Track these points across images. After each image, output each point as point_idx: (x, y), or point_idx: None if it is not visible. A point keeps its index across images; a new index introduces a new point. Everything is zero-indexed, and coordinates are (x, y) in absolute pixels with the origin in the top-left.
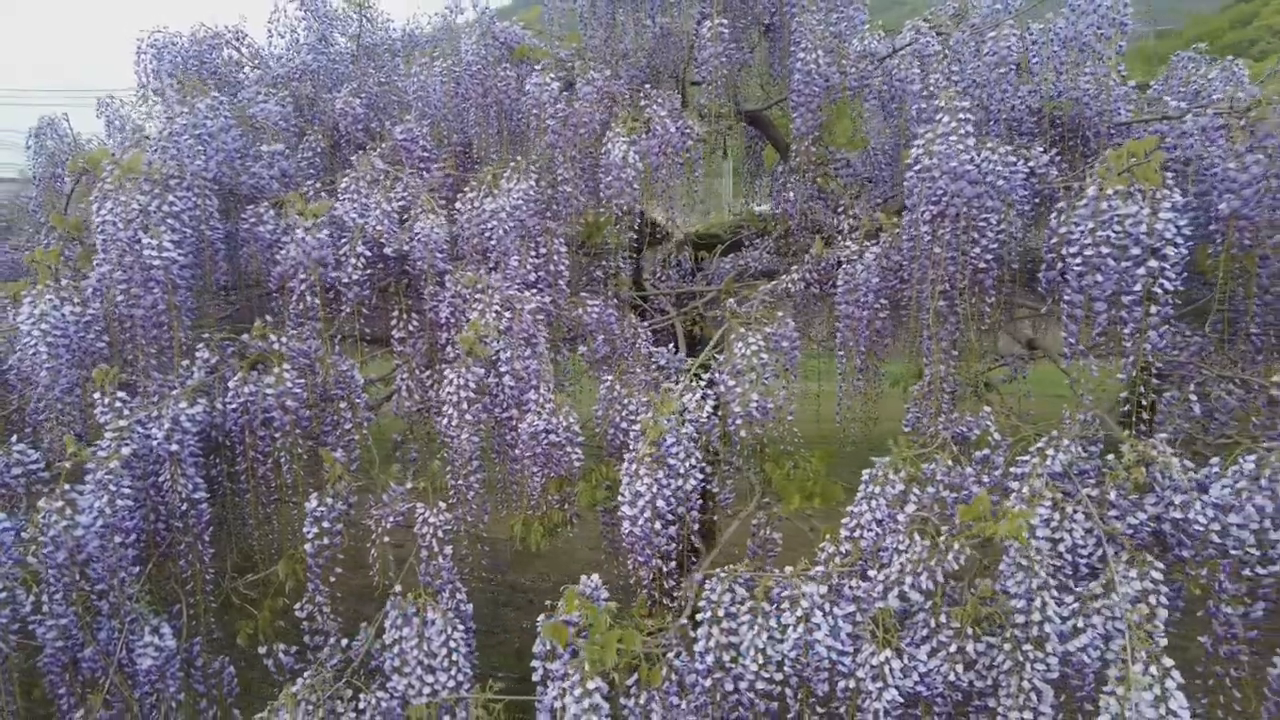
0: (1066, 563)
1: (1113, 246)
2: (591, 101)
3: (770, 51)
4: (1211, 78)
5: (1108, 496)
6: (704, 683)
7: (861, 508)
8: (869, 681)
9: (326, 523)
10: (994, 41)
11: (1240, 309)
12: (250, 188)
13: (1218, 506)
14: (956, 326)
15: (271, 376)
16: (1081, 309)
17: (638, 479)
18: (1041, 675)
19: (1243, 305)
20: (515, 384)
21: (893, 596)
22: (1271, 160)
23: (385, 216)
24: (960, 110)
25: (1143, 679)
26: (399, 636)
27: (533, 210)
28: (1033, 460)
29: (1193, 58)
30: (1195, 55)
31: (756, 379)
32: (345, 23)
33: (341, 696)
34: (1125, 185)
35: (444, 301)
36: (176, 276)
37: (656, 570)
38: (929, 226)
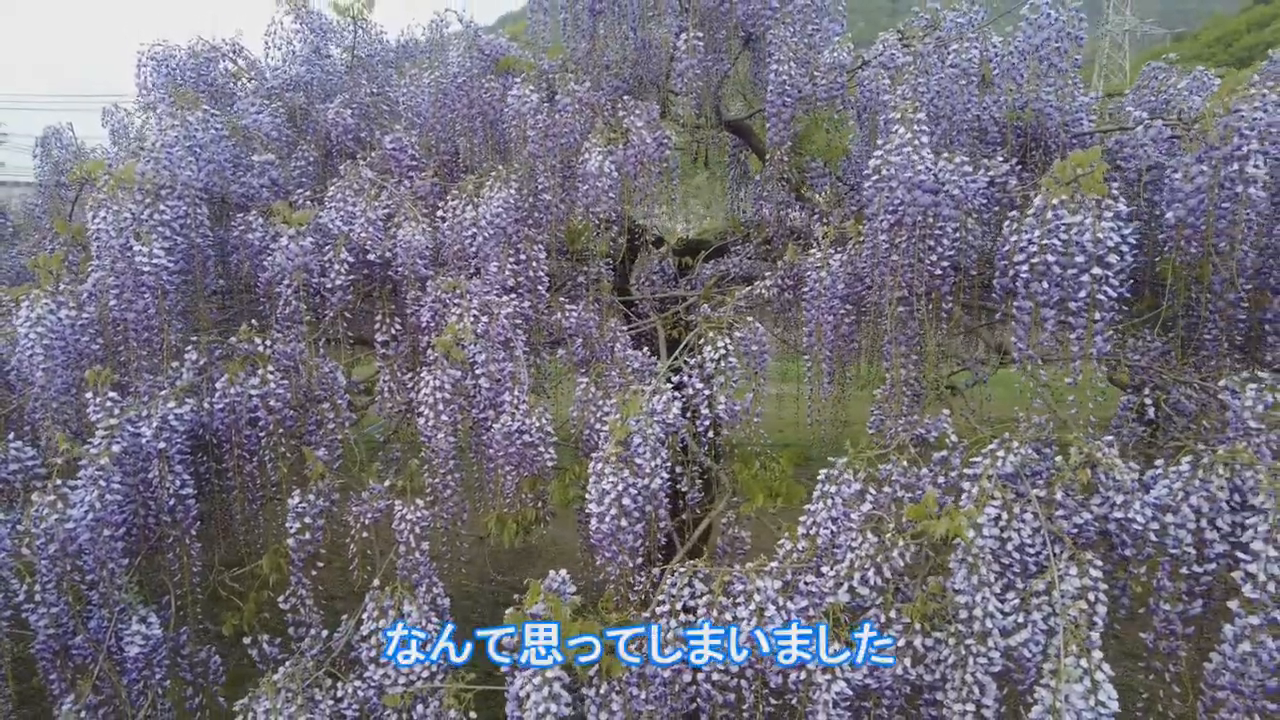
0: (1015, 560)
1: (1058, 254)
2: (570, 112)
3: (752, 62)
4: (1181, 88)
5: (1055, 496)
6: (663, 674)
7: (818, 506)
8: (819, 674)
9: (308, 519)
10: (956, 54)
11: (1201, 315)
12: (241, 196)
13: (1157, 507)
14: (916, 332)
15: (256, 378)
16: (1029, 315)
17: (603, 478)
18: (984, 669)
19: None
20: (490, 386)
21: (843, 592)
22: (1216, 170)
23: (370, 224)
24: (916, 122)
25: (1074, 672)
26: (375, 628)
27: (513, 218)
28: (984, 462)
29: (1163, 67)
30: (1165, 65)
31: (725, 382)
32: (341, 35)
33: (320, 685)
34: (1070, 195)
35: (425, 306)
36: (166, 282)
37: (623, 566)
38: (887, 235)
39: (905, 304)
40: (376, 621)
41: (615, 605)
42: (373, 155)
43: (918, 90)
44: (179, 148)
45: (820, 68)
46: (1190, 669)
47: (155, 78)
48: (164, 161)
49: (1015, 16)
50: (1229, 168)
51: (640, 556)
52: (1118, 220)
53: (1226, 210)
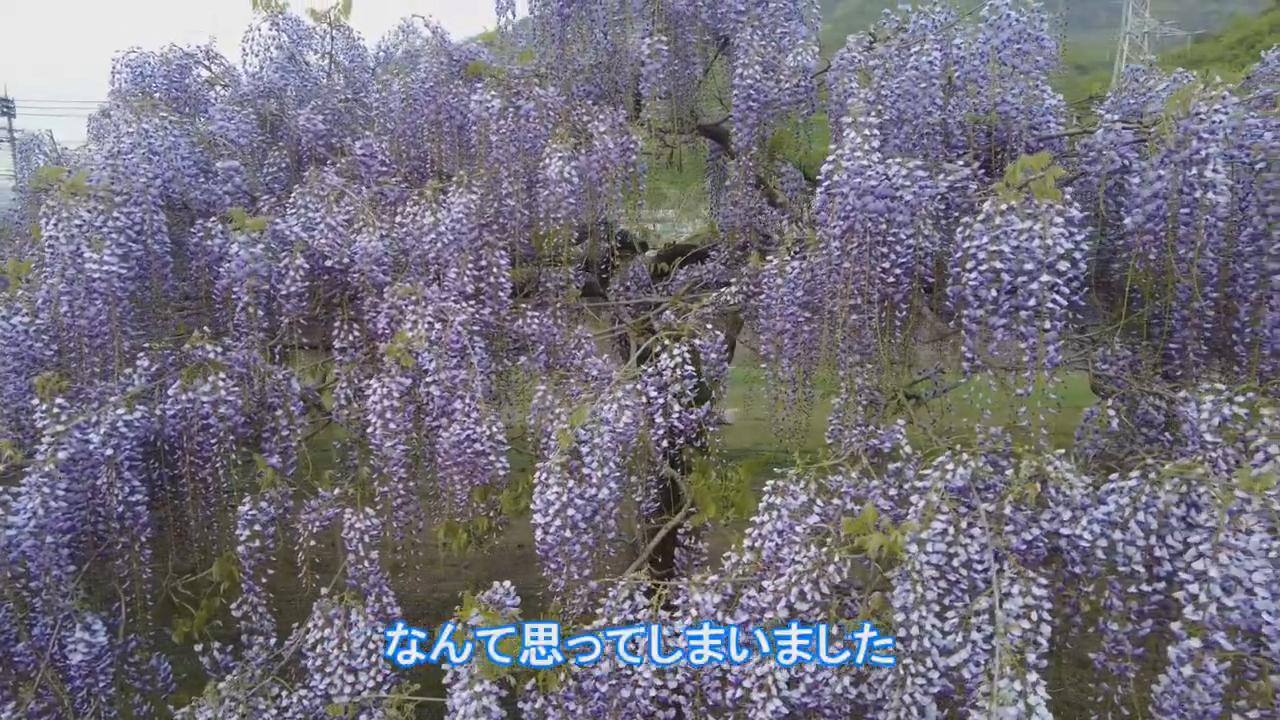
0: (963, 577)
1: (1007, 261)
2: (535, 118)
3: (729, 66)
4: (1160, 90)
5: (1004, 511)
6: (601, 688)
7: (763, 518)
8: (755, 691)
9: (258, 526)
10: (917, 56)
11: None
12: (203, 203)
13: (1105, 523)
14: (871, 340)
15: (208, 384)
16: (979, 324)
17: (548, 488)
18: (923, 690)
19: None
20: (442, 394)
21: (781, 607)
22: (1175, 175)
23: (330, 230)
24: (867, 126)
25: (1009, 694)
26: (321, 637)
27: (474, 224)
28: (934, 475)
29: (1142, 69)
30: (1144, 67)
31: (681, 390)
32: (321, 40)
33: (266, 694)
34: (1021, 200)
35: (382, 313)
36: (118, 288)
37: (569, 578)
38: (839, 242)
39: (860, 312)
40: (322, 631)
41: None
42: (343, 161)
43: (881, 94)
44: (134, 154)
45: (784, 71)
46: (1140, 690)
47: (129, 84)
48: (122, 168)
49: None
50: (1188, 172)
51: (588, 567)
52: (1070, 226)
53: (1186, 215)
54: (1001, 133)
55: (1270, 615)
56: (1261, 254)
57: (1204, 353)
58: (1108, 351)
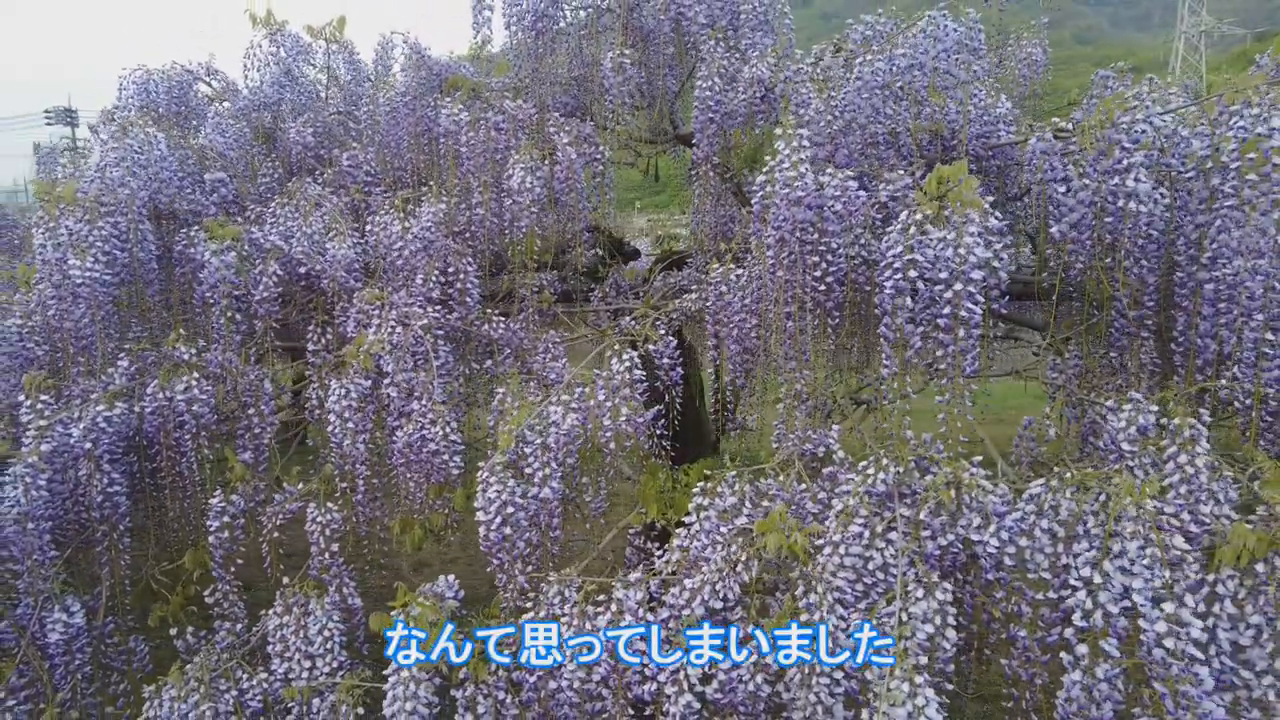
0: (880, 580)
1: (921, 270)
2: (505, 130)
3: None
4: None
5: (919, 517)
6: (529, 679)
7: (693, 519)
8: (669, 686)
9: (227, 518)
10: (861, 67)
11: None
12: (190, 213)
13: (1013, 530)
14: (806, 346)
15: (182, 384)
16: (895, 332)
17: (489, 486)
18: (829, 690)
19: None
20: (399, 395)
21: (696, 605)
22: (1100, 184)
23: (305, 239)
24: (797, 138)
25: (899, 694)
26: (280, 624)
27: (442, 232)
28: (856, 479)
29: (1113, 75)
30: (1113, 74)
31: (630, 394)
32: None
33: (229, 675)
34: (937, 209)
35: (350, 317)
36: (101, 293)
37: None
38: (773, 251)
39: (796, 319)
40: (282, 618)
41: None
42: (330, 172)
43: (830, 103)
44: (118, 168)
45: (741, 82)
46: (1048, 697)
47: (135, 99)
48: (110, 180)
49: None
50: (1111, 181)
51: (531, 564)
52: (988, 235)
53: (1112, 225)
54: (949, 141)
55: (1147, 623)
56: (1194, 263)
57: (1146, 362)
58: (1058, 360)
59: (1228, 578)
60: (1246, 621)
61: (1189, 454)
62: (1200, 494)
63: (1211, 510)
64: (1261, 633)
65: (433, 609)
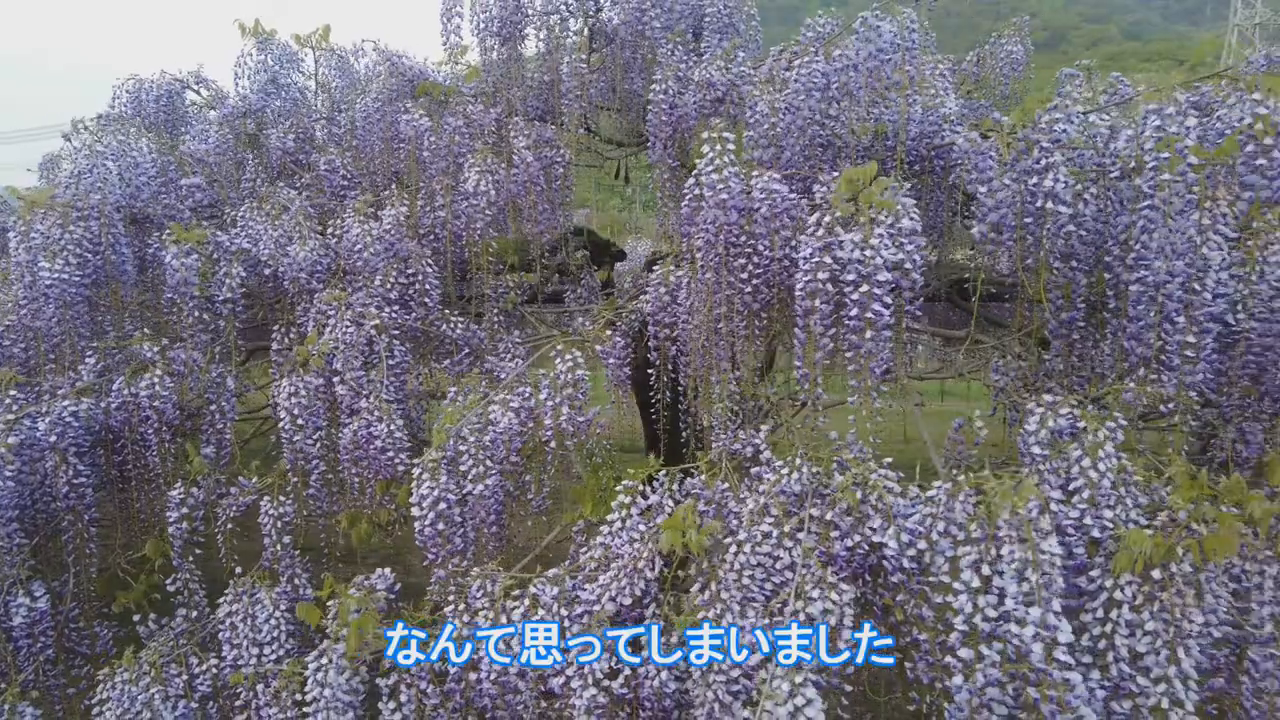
0: (789, 580)
1: (831, 271)
2: (464, 135)
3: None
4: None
5: (826, 517)
6: (452, 670)
7: (614, 517)
8: (574, 680)
9: (186, 509)
10: (798, 69)
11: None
12: (166, 217)
13: (912, 532)
14: (740, 348)
15: (146, 381)
16: (807, 332)
17: (422, 483)
18: (726, 688)
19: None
20: (348, 392)
21: (605, 601)
22: (1020, 184)
23: (272, 242)
24: (723, 140)
25: (781, 693)
26: (230, 612)
27: (403, 234)
28: (770, 479)
29: (1074, 74)
30: (1076, 71)
31: (573, 393)
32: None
33: (181, 661)
34: (849, 211)
35: (310, 317)
36: (71, 294)
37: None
38: (702, 254)
39: (728, 320)
40: (232, 606)
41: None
42: (307, 176)
43: (774, 105)
44: (91, 173)
45: (693, 84)
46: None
47: (127, 107)
48: (84, 185)
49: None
50: (1030, 181)
51: (467, 559)
52: (900, 237)
53: (1032, 225)
54: (890, 141)
55: (1016, 627)
56: (1121, 264)
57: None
58: (1000, 362)
59: (1126, 584)
60: (1144, 628)
61: (1093, 459)
62: (1104, 499)
63: (1115, 515)
64: (1157, 639)
65: (363, 600)
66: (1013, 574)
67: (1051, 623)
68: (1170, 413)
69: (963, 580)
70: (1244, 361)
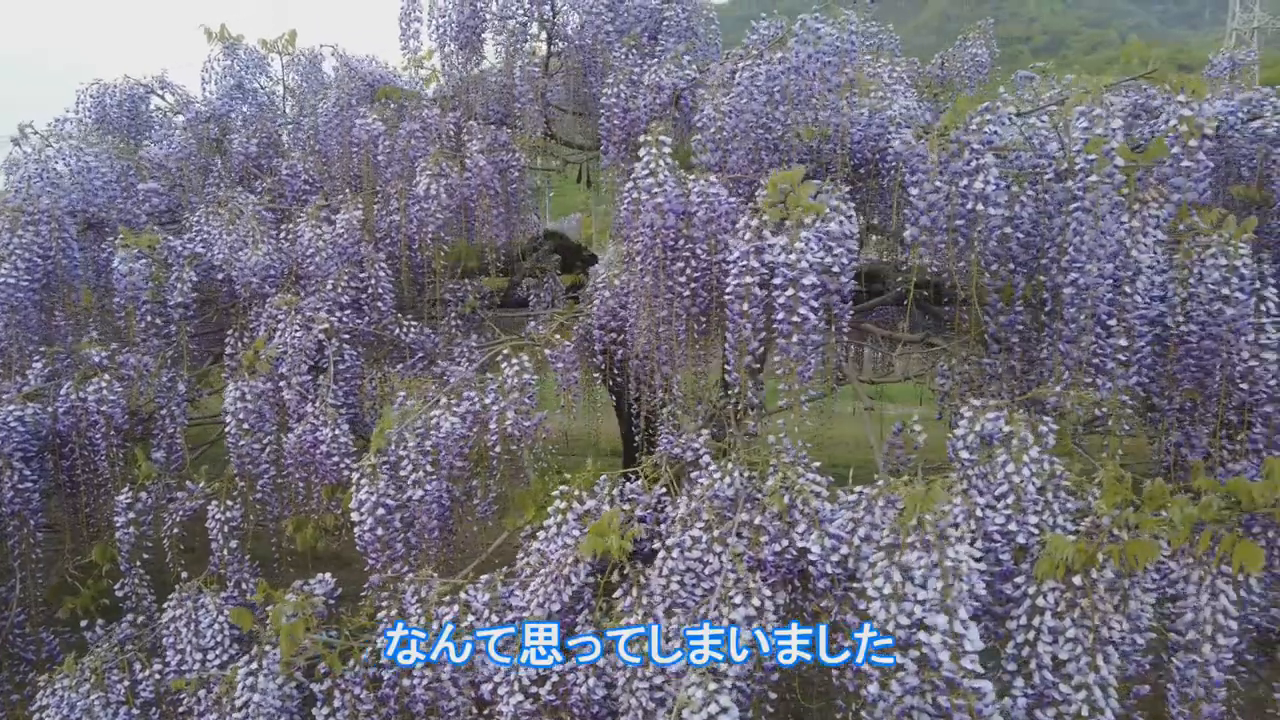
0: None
1: (758, 275)
2: (419, 139)
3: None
4: (1047, 99)
5: (755, 521)
6: (385, 675)
7: (551, 522)
8: (501, 686)
9: (133, 514)
10: (741, 72)
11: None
12: (121, 221)
13: (836, 537)
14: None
15: (94, 386)
16: (736, 336)
17: (361, 488)
18: (648, 696)
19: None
20: (294, 397)
21: (535, 607)
22: (951, 186)
23: (226, 246)
24: (659, 144)
25: (695, 700)
26: (174, 617)
27: (356, 238)
28: (703, 483)
29: (1030, 75)
30: (1032, 73)
31: (519, 398)
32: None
33: (124, 667)
34: (777, 215)
35: (261, 321)
36: (18, 299)
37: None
38: (640, 257)
39: (665, 323)
40: (175, 611)
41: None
42: (269, 181)
43: (720, 109)
44: (40, 179)
45: (642, 87)
46: None
47: (90, 113)
48: (34, 190)
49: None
50: (960, 183)
51: (410, 565)
52: (828, 239)
53: (962, 229)
54: (832, 143)
55: (924, 633)
56: (1055, 266)
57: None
58: (946, 366)
59: (1049, 590)
60: (1065, 635)
61: (1017, 463)
62: (1030, 504)
63: (1042, 521)
64: (1078, 646)
65: (299, 605)
66: (920, 581)
67: (959, 630)
68: (1104, 417)
69: (875, 586)
70: (1184, 365)
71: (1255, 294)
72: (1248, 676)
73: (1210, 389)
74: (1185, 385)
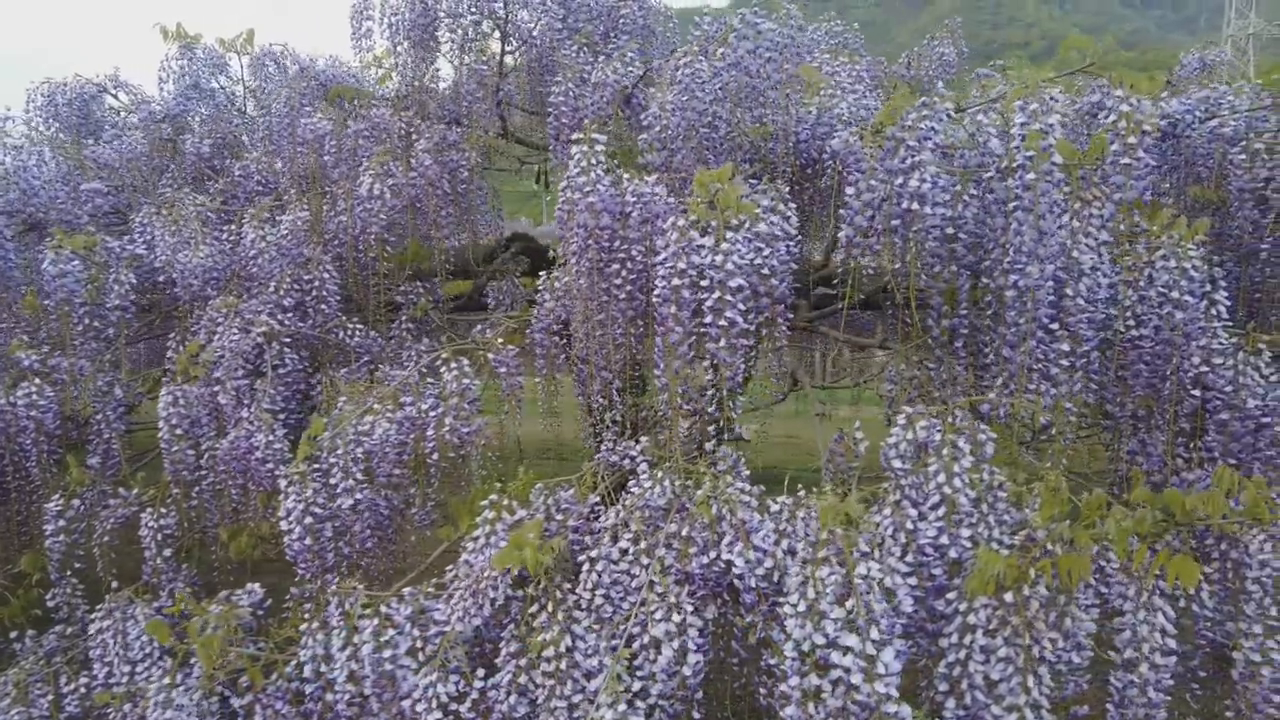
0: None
1: (684, 277)
2: (368, 139)
3: None
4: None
5: (683, 533)
6: (307, 689)
7: (478, 532)
8: (421, 703)
9: (64, 521)
10: (682, 70)
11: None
12: (61, 222)
13: (761, 550)
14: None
15: (24, 390)
16: (664, 339)
17: (288, 497)
18: (565, 712)
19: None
20: (229, 401)
21: (456, 620)
22: (886, 183)
23: (169, 248)
24: (593, 143)
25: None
26: (101, 629)
27: (301, 240)
28: (635, 492)
29: (989, 73)
30: (991, 71)
31: (459, 403)
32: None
33: (49, 680)
34: (704, 215)
35: (202, 325)
36: None
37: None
38: (575, 259)
39: (602, 326)
40: (103, 622)
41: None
42: (221, 181)
43: (664, 107)
44: None
45: (589, 86)
46: None
47: (41, 112)
48: None
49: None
50: (896, 181)
51: (339, 574)
52: (757, 241)
53: (898, 229)
54: (774, 144)
55: (838, 654)
56: (998, 266)
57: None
58: (894, 370)
59: (981, 607)
60: (997, 654)
61: (948, 473)
62: (964, 516)
63: (975, 534)
64: (1010, 665)
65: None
66: (831, 598)
67: (869, 652)
68: (1048, 425)
69: (791, 603)
70: (1135, 371)
71: (1206, 297)
72: (1201, 692)
73: (1164, 395)
74: (1138, 392)
